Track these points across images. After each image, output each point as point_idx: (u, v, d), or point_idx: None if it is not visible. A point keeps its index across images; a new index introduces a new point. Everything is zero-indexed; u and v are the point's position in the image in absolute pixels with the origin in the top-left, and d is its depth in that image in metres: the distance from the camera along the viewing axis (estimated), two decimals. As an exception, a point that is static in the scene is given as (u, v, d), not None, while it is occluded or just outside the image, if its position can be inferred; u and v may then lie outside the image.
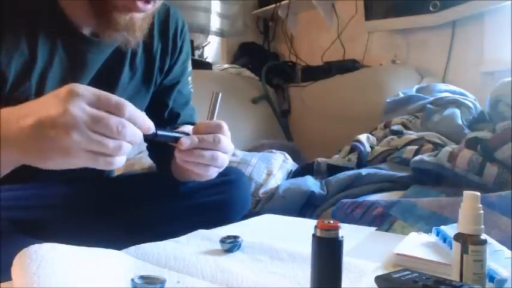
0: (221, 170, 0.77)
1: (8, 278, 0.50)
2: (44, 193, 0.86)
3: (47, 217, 0.82)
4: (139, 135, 0.58)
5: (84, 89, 0.55)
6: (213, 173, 0.76)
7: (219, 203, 0.95)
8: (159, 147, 0.91)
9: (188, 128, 0.79)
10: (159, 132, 0.65)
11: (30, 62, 0.75)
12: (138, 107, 0.95)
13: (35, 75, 0.76)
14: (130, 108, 0.57)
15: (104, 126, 0.54)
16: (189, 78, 1.03)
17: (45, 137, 0.53)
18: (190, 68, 1.03)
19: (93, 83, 0.84)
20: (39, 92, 0.76)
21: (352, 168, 1.45)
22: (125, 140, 0.56)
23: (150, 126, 0.60)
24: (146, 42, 0.90)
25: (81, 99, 0.54)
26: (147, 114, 0.97)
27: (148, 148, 1.06)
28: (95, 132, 0.54)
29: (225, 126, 0.74)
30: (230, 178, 0.99)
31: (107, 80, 0.86)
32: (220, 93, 0.71)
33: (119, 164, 0.58)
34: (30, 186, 0.86)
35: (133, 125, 0.57)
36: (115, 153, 0.56)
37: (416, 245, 0.72)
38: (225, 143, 0.73)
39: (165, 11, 0.94)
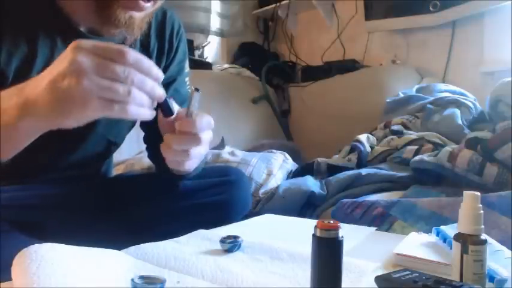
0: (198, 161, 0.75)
1: (8, 277, 0.50)
2: (44, 193, 0.86)
3: (47, 217, 0.82)
4: (148, 83, 0.58)
5: (86, 42, 0.56)
6: (191, 164, 0.74)
7: (219, 203, 0.96)
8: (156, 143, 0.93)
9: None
10: (194, 96, 0.67)
11: (31, 59, 0.75)
12: None
13: (35, 73, 0.76)
14: (133, 54, 0.57)
15: (110, 71, 0.55)
16: (187, 79, 1.03)
17: (59, 91, 0.55)
18: (187, 69, 1.03)
19: None
20: None
21: (352, 168, 1.44)
22: (133, 85, 0.57)
23: (157, 74, 0.60)
24: (143, 42, 0.91)
25: (84, 50, 0.55)
26: None
27: (147, 148, 1.06)
28: (103, 79, 0.55)
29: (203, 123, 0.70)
30: (230, 178, 1.00)
31: None
32: (200, 90, 0.69)
33: (135, 113, 0.58)
34: (30, 187, 0.86)
35: (140, 72, 0.58)
36: (127, 100, 0.56)
37: (416, 245, 0.72)
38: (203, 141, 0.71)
39: (162, 13, 0.95)
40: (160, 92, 0.61)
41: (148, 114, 0.60)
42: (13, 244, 0.67)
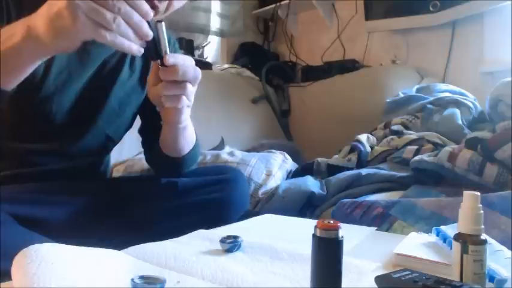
0: (190, 103, 0.80)
1: (9, 268, 0.50)
2: (44, 192, 0.87)
3: (47, 217, 0.83)
4: (135, 16, 0.63)
5: None
6: (184, 105, 0.79)
7: (216, 201, 0.96)
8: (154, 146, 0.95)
9: None
10: (158, 29, 0.69)
11: None
12: (134, 102, 1.00)
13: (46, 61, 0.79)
14: None
15: None
16: None
17: (53, 11, 0.61)
18: None
19: (96, 75, 0.91)
20: (44, 76, 0.83)
21: (352, 168, 1.44)
22: (120, 14, 0.61)
23: (147, 11, 0.64)
24: None
25: None
26: (143, 111, 1.00)
27: (145, 153, 1.08)
28: (93, 2, 0.60)
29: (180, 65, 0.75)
30: (228, 177, 1.01)
31: (108, 74, 0.92)
32: (162, 21, 0.71)
33: (119, 42, 0.62)
34: (31, 185, 0.87)
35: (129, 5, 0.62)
36: (112, 27, 0.61)
37: (416, 245, 0.72)
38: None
39: None
40: (147, 29, 0.65)
41: (134, 48, 0.64)
42: (14, 236, 0.68)
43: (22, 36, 0.64)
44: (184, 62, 0.75)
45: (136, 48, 0.65)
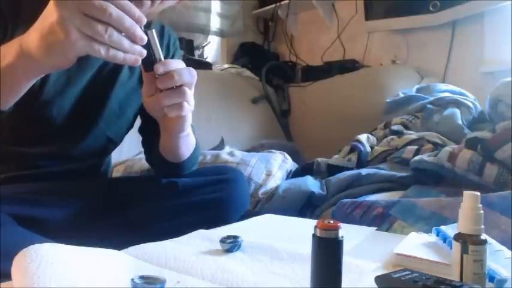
0: (192, 108, 0.79)
1: (8, 269, 0.50)
2: (44, 193, 0.87)
3: (47, 217, 0.83)
4: (127, 20, 0.61)
5: None
6: (187, 111, 0.78)
7: (216, 201, 0.96)
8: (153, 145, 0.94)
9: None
10: (149, 37, 0.68)
11: None
12: (135, 103, 1.00)
13: None
14: None
15: (90, 6, 0.59)
16: None
17: (45, 27, 0.60)
18: None
19: (95, 76, 0.91)
20: (44, 80, 0.82)
21: (352, 168, 1.44)
22: (111, 21, 0.60)
23: (140, 16, 0.63)
24: None
25: None
26: (143, 112, 1.01)
27: (145, 152, 1.08)
28: (85, 15, 0.59)
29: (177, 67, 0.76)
30: (228, 177, 1.01)
31: (107, 75, 0.92)
32: (153, 29, 0.70)
33: (112, 55, 0.62)
34: (31, 186, 0.87)
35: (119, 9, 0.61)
36: (104, 38, 0.60)
37: (416, 245, 0.72)
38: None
39: (161, 26, 1.01)
40: (140, 32, 0.64)
41: (129, 59, 0.64)
42: (14, 236, 0.68)
43: (15, 54, 0.63)
44: (177, 65, 0.75)
45: (132, 58, 0.64)
